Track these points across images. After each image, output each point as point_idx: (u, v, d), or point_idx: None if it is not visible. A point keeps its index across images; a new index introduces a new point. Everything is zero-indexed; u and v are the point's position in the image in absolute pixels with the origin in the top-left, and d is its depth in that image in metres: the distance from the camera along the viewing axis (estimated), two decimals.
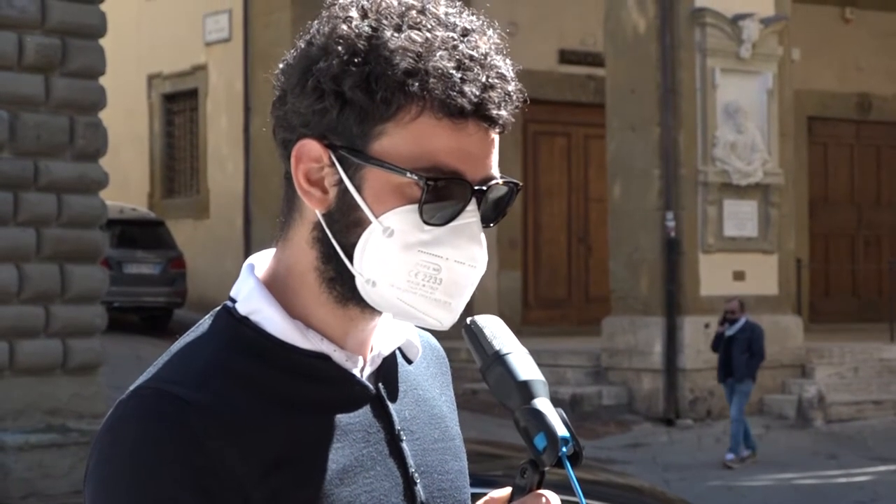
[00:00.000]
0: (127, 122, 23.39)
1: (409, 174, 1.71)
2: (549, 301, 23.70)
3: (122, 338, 18.80)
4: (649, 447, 16.73)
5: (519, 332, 1.84)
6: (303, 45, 1.79)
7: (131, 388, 1.74)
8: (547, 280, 23.77)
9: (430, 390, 1.95)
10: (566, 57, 23.69)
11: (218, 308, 1.84)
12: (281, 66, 1.81)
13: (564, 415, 1.72)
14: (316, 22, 1.79)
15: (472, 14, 1.79)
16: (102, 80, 12.46)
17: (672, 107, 18.29)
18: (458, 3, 1.80)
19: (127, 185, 23.59)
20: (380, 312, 1.80)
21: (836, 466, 15.75)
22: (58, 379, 12.00)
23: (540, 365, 1.80)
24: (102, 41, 12.48)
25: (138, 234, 21.50)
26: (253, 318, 1.80)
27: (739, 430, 15.90)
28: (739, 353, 16.00)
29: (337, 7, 1.77)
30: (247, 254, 21.86)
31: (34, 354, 11.86)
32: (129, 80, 23.79)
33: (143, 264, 21.23)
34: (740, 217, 18.69)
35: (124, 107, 22.57)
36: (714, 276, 18.46)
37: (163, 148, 25.24)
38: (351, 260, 1.75)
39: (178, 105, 25.06)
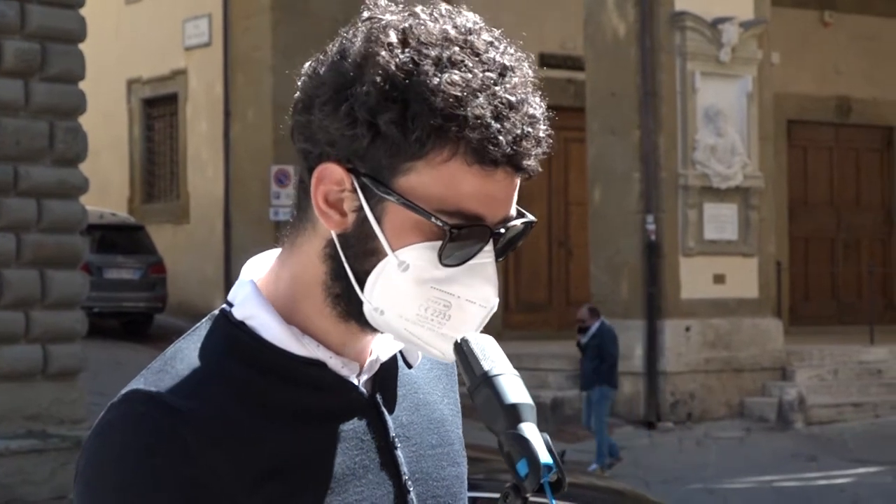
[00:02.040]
0: (106, 126, 23.33)
1: (433, 219, 1.70)
2: (530, 305, 23.71)
3: (103, 343, 18.75)
4: (630, 450, 16.74)
5: (499, 336, 1.85)
6: (336, 57, 1.75)
7: (123, 391, 1.73)
8: (527, 284, 23.77)
9: (431, 394, 1.95)
10: (546, 60, 23.68)
11: (215, 311, 1.83)
12: (308, 69, 1.78)
13: (549, 441, 1.70)
14: (350, 31, 1.76)
15: (510, 45, 1.79)
16: (82, 85, 12.44)
17: (652, 110, 18.32)
18: (496, 31, 1.79)
19: (107, 190, 23.54)
20: (381, 331, 1.79)
21: (816, 469, 15.78)
22: (38, 384, 11.97)
23: (520, 369, 1.79)
24: (82, 46, 12.46)
25: (118, 239, 21.47)
26: (249, 323, 1.79)
27: (604, 440, 15.56)
28: (589, 360, 15.62)
29: (375, 26, 1.73)
30: (227, 258, 21.87)
31: (14, 360, 11.83)
32: (109, 85, 23.74)
33: (124, 269, 21.19)
34: (720, 220, 18.72)
35: (104, 112, 22.52)
36: (694, 280, 18.50)
37: (142, 153, 25.19)
38: (362, 286, 1.74)
39: (158, 110, 25.00)
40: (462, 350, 1.76)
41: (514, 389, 1.72)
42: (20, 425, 11.79)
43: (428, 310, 1.73)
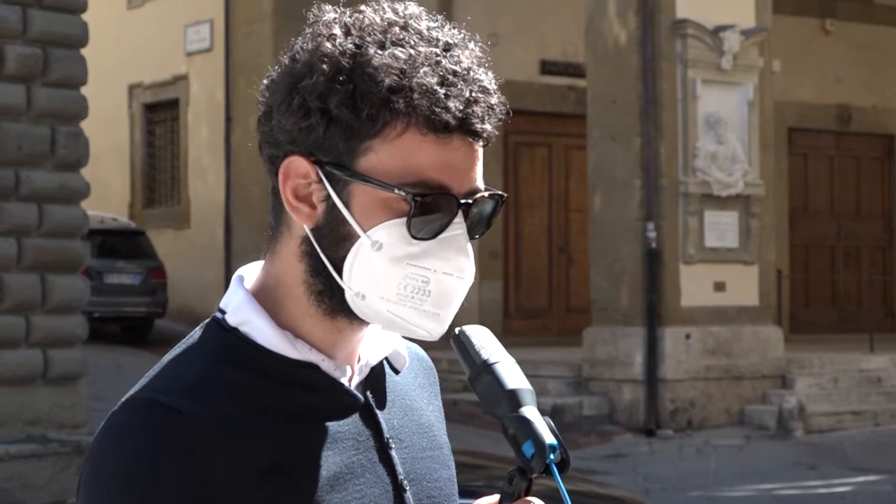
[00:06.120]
0: (108, 131, 23.35)
1: (396, 190, 1.73)
2: (530, 311, 23.71)
3: (103, 348, 18.75)
4: (630, 458, 16.74)
5: (500, 342, 1.86)
6: (287, 62, 1.80)
7: (123, 398, 1.76)
8: (528, 290, 23.78)
9: (417, 400, 1.98)
10: (547, 67, 23.72)
11: (208, 319, 1.86)
12: (265, 82, 1.83)
13: (552, 423, 1.73)
14: (299, 38, 1.81)
15: (454, 28, 1.82)
16: (83, 90, 12.44)
17: (653, 118, 18.32)
18: (439, 18, 1.82)
19: (107, 194, 23.56)
20: (368, 324, 1.82)
21: (816, 477, 15.77)
22: (38, 389, 11.96)
23: None
24: (84, 51, 12.46)
25: (119, 244, 21.47)
26: (242, 328, 1.82)
27: None
28: None
29: (320, 25, 1.79)
30: (227, 264, 21.87)
31: (15, 364, 11.82)
32: (110, 90, 23.76)
33: (124, 274, 21.20)
34: (721, 228, 18.72)
35: (105, 116, 22.54)
36: (695, 287, 18.49)
37: (143, 158, 25.21)
38: (340, 273, 1.77)
39: (159, 115, 25.02)
40: (461, 341, 1.81)
41: (514, 375, 1.77)
42: (20, 430, 11.78)
43: (407, 287, 1.75)
